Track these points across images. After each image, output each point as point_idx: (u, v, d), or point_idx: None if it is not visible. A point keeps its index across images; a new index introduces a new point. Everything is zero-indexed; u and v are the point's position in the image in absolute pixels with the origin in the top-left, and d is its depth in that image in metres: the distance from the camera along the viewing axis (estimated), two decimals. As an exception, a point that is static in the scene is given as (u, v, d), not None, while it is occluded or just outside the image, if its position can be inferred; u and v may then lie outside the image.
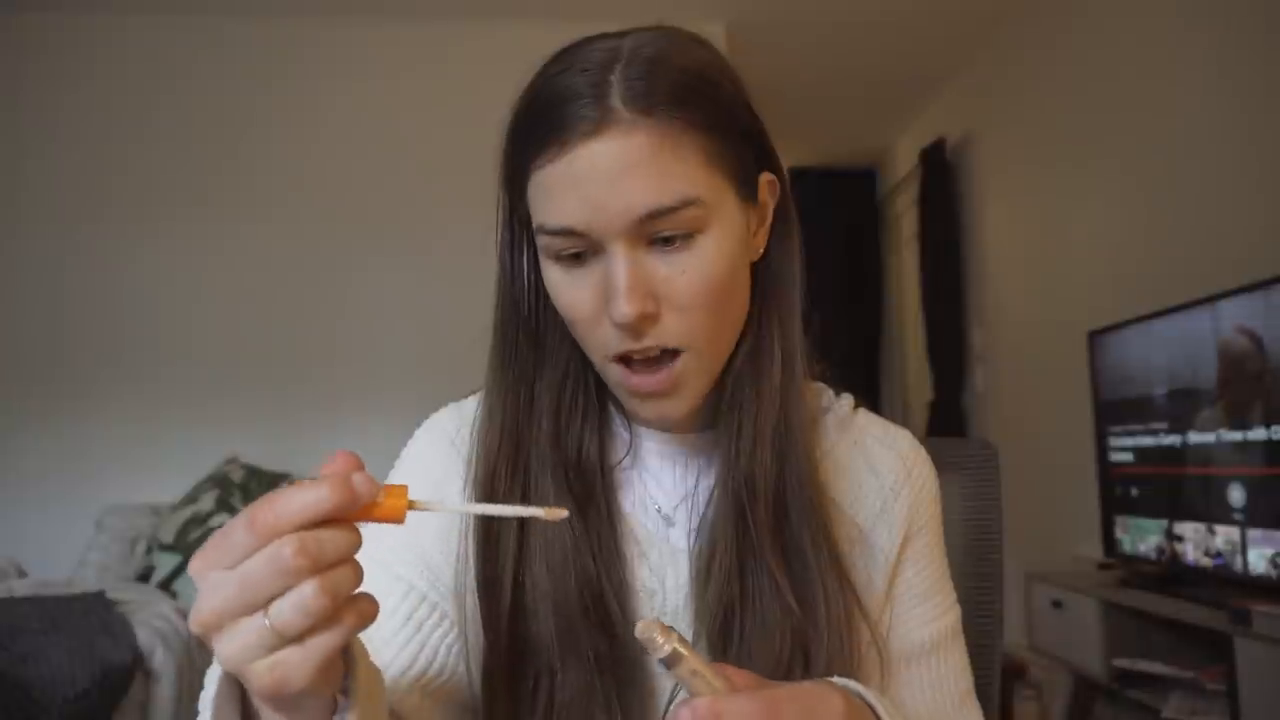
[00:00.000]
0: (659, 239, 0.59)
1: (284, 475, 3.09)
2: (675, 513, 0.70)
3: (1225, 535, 2.07)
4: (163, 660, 2.20)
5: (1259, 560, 1.97)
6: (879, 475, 0.73)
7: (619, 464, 0.71)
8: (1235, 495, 2.05)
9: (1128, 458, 2.47)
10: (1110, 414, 2.55)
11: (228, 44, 3.51)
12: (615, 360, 0.63)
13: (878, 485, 0.73)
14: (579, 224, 0.59)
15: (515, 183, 0.63)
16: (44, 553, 2.95)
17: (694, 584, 0.67)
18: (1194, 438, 2.20)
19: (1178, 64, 2.59)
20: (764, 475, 0.65)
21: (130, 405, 3.31)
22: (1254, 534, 1.99)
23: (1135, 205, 2.81)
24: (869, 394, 5.00)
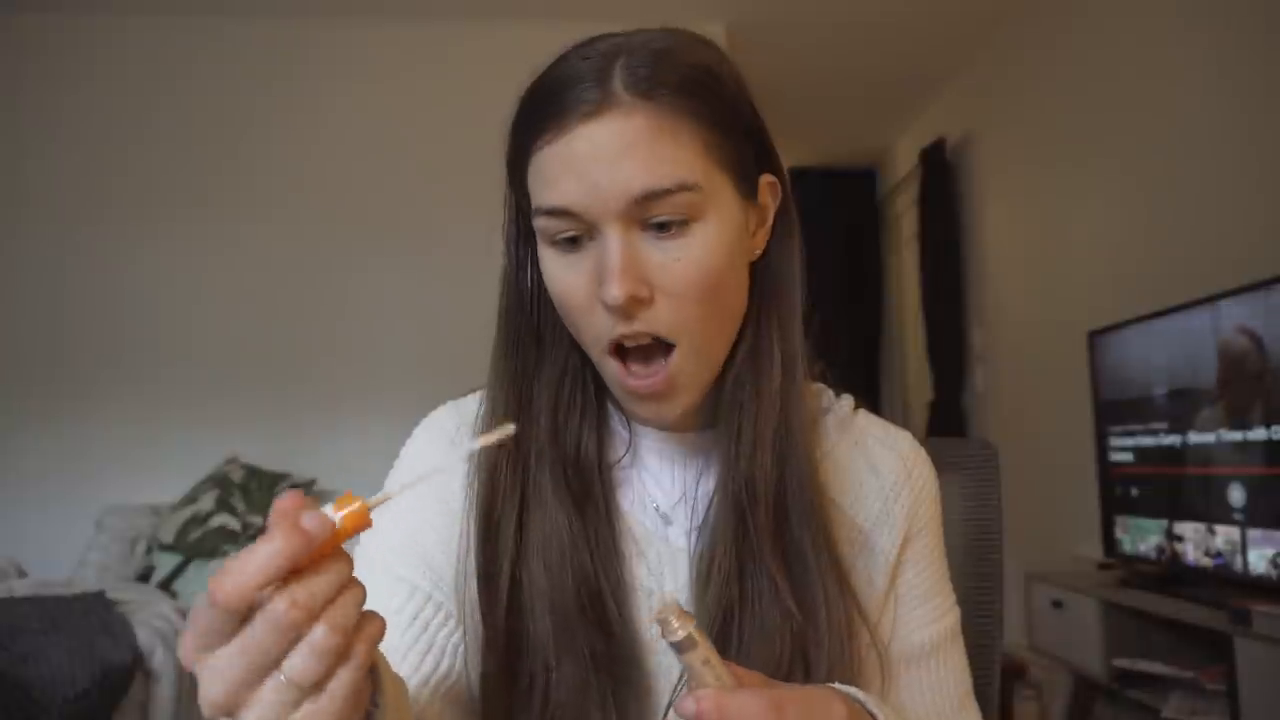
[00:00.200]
0: (654, 224, 0.59)
1: (284, 475, 3.09)
2: (674, 512, 0.70)
3: (1225, 535, 2.07)
4: (163, 660, 2.20)
5: (1259, 560, 1.97)
6: (879, 476, 0.73)
7: (618, 462, 0.71)
8: (1235, 495, 2.05)
9: (1128, 458, 2.47)
10: (1110, 414, 2.55)
11: (228, 44, 3.51)
12: (611, 354, 0.62)
13: (878, 486, 0.73)
14: (575, 204, 0.58)
15: (517, 167, 0.63)
16: (44, 553, 2.95)
17: (693, 587, 0.67)
18: (1194, 438, 2.20)
19: (1178, 64, 2.59)
20: (764, 479, 0.65)
21: (130, 405, 3.31)
22: (1254, 534, 1.99)
23: (1135, 205, 2.81)
24: (869, 394, 5.01)
